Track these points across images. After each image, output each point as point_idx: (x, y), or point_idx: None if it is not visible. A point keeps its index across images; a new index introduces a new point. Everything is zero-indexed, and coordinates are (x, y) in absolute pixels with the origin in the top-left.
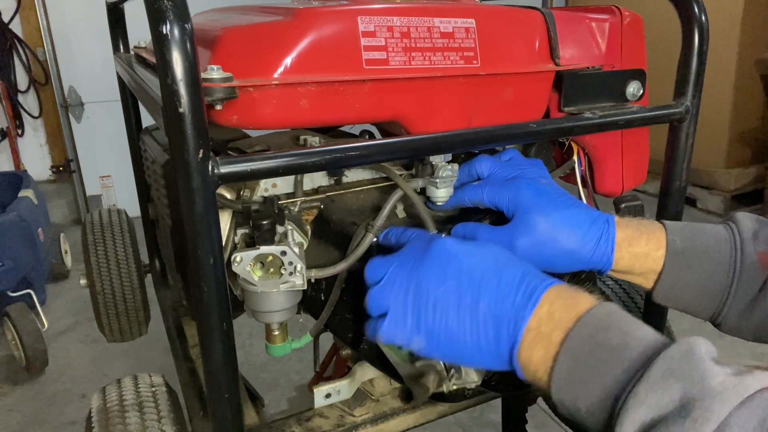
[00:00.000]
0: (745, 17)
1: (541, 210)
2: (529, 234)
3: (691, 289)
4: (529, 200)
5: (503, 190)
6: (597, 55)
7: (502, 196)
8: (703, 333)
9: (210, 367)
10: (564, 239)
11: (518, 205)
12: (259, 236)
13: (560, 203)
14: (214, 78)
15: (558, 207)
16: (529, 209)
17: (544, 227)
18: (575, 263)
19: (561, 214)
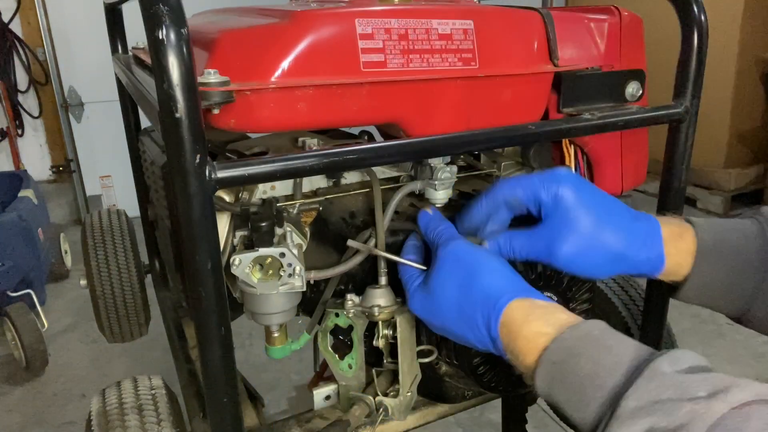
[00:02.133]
0: (745, 17)
1: (584, 203)
2: (572, 235)
3: (720, 287)
4: (572, 188)
5: (544, 178)
6: (596, 55)
7: (542, 187)
8: (703, 332)
9: (209, 371)
10: (612, 241)
11: (558, 196)
12: (257, 238)
13: (604, 197)
14: (211, 82)
15: (603, 200)
16: (570, 202)
17: (590, 227)
18: (625, 267)
19: (607, 208)
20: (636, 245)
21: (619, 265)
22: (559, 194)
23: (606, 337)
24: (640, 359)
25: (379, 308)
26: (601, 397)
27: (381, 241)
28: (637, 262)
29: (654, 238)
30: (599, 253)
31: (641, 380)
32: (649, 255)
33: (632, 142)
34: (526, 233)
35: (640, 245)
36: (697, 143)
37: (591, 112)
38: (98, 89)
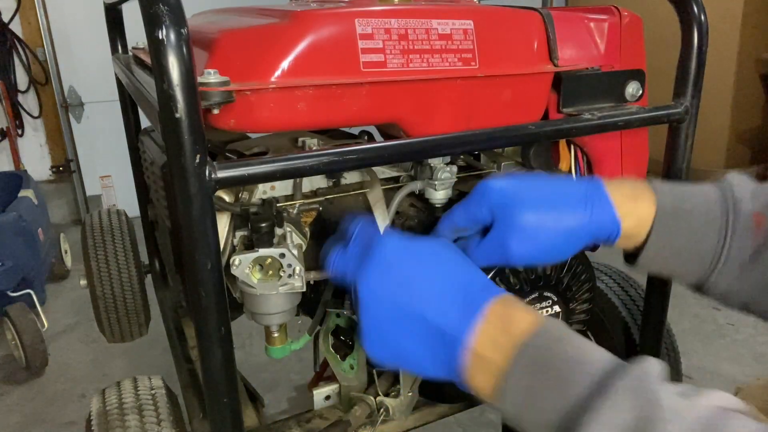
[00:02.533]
0: (745, 17)
1: (516, 200)
2: (516, 233)
3: (680, 252)
4: (500, 194)
5: (471, 201)
6: (596, 55)
7: (474, 208)
8: (703, 332)
9: (209, 371)
10: (554, 221)
11: (493, 206)
12: (257, 239)
13: (533, 184)
14: (210, 82)
15: (532, 188)
16: (505, 204)
17: (528, 219)
18: (580, 240)
19: (538, 194)
20: (581, 216)
21: (575, 241)
22: (489, 203)
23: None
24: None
25: None
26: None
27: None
28: (591, 231)
29: (599, 202)
30: (549, 238)
31: (628, 370)
32: (599, 220)
33: (632, 142)
34: (477, 242)
35: (587, 215)
36: (697, 143)
37: (591, 112)
38: (98, 89)
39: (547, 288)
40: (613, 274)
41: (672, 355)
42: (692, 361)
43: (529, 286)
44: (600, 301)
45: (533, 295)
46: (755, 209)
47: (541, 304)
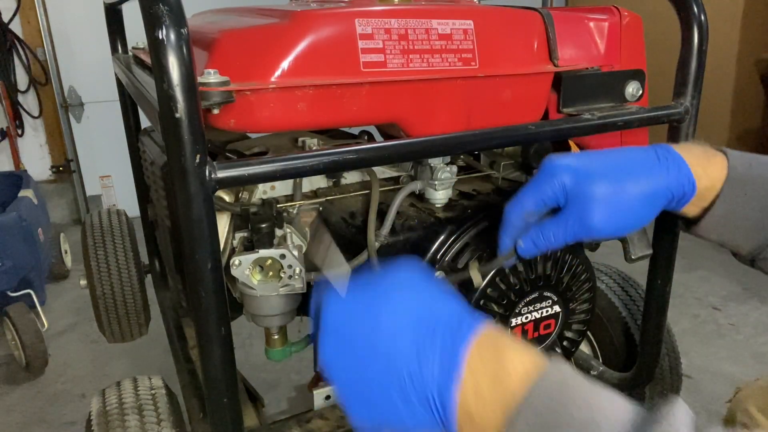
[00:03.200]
0: (745, 17)
1: (590, 172)
2: (596, 205)
3: (745, 218)
4: (571, 170)
5: (541, 180)
6: (596, 55)
7: (545, 187)
8: (703, 332)
9: (209, 371)
10: (632, 186)
11: (565, 183)
12: (257, 240)
13: (602, 155)
14: (210, 82)
15: (602, 159)
16: (578, 179)
17: (607, 188)
18: (658, 201)
19: (610, 163)
20: (657, 177)
21: (654, 202)
22: (561, 181)
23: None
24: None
25: None
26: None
27: (371, 241)
28: (669, 190)
29: (673, 162)
30: (630, 204)
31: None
32: (676, 178)
33: (632, 142)
34: (554, 220)
35: (663, 175)
36: None
37: (591, 112)
38: (98, 89)
39: (547, 288)
40: (613, 274)
41: (672, 356)
42: (692, 361)
43: (529, 286)
44: (600, 301)
45: (533, 295)
46: None
47: (542, 304)
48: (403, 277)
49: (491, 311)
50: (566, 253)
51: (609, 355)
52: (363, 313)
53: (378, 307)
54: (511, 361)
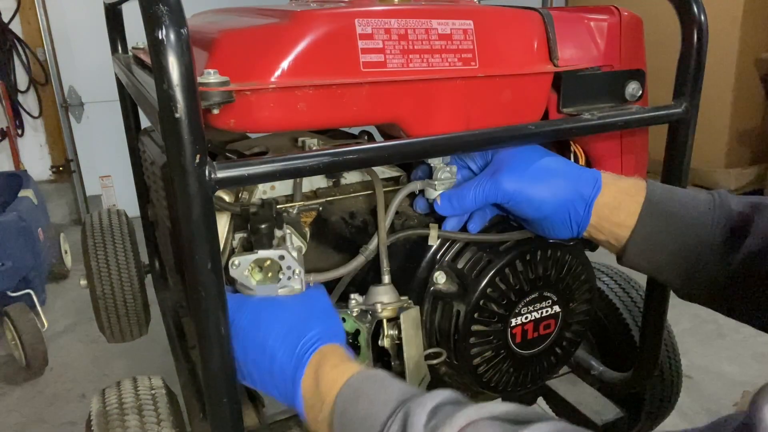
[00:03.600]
0: (745, 17)
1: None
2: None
3: (666, 244)
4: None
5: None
6: (596, 55)
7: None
8: (703, 332)
9: (209, 371)
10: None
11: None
12: (257, 240)
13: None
14: (210, 82)
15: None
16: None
17: (518, 156)
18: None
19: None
20: (563, 160)
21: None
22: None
23: (385, 378)
24: (403, 398)
25: (381, 305)
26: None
27: (383, 240)
28: (571, 176)
29: (592, 171)
30: (540, 180)
31: (395, 418)
32: (581, 171)
33: (632, 142)
34: (471, 181)
35: (569, 162)
36: (697, 143)
37: (591, 112)
38: (98, 89)
39: (547, 288)
40: (613, 274)
41: (672, 356)
42: (692, 361)
43: (528, 286)
44: (600, 301)
45: (533, 295)
46: (739, 209)
47: (541, 304)
48: (297, 296)
49: (491, 311)
50: (566, 253)
51: (609, 355)
52: (260, 322)
53: (269, 318)
54: (328, 377)
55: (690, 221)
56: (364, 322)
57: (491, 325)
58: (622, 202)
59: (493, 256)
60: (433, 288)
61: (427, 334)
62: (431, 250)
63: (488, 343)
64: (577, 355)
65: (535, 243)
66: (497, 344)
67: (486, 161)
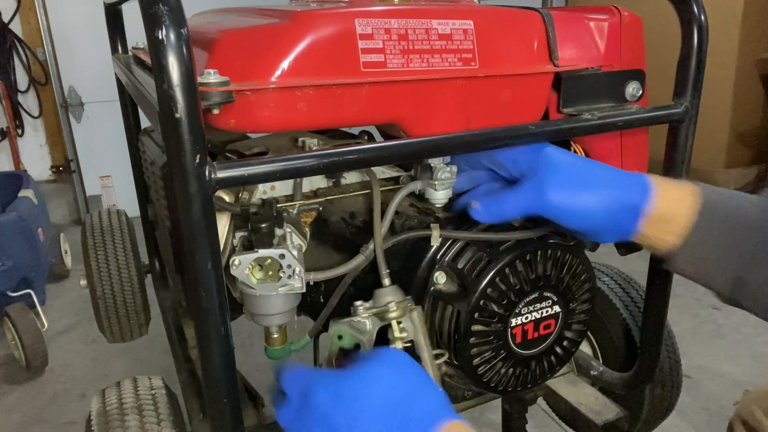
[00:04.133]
0: (745, 17)
1: (558, 158)
2: (553, 179)
3: (717, 251)
4: (553, 147)
5: (521, 147)
6: (596, 55)
7: (523, 150)
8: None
9: (209, 371)
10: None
11: (541, 154)
12: (257, 239)
13: (581, 157)
14: (210, 82)
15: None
16: (553, 157)
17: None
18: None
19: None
20: (621, 180)
21: (606, 194)
22: (541, 153)
23: None
24: None
25: (395, 303)
26: None
27: (379, 243)
28: (621, 184)
29: (641, 177)
30: (587, 197)
31: None
32: (631, 178)
33: (632, 142)
34: (512, 189)
35: (627, 181)
36: (697, 143)
37: (591, 112)
38: (98, 89)
39: (547, 288)
40: (613, 274)
41: (672, 356)
42: (692, 361)
43: (529, 286)
44: (600, 301)
45: (533, 295)
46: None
47: (542, 304)
48: (386, 365)
49: (491, 311)
50: (566, 253)
51: (609, 355)
52: (345, 401)
53: (358, 396)
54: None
55: (745, 228)
56: (363, 333)
57: (491, 325)
58: (675, 210)
59: (493, 256)
60: (433, 288)
61: (434, 335)
62: (431, 250)
63: (488, 343)
64: (577, 355)
65: (535, 243)
66: (497, 344)
67: (521, 171)
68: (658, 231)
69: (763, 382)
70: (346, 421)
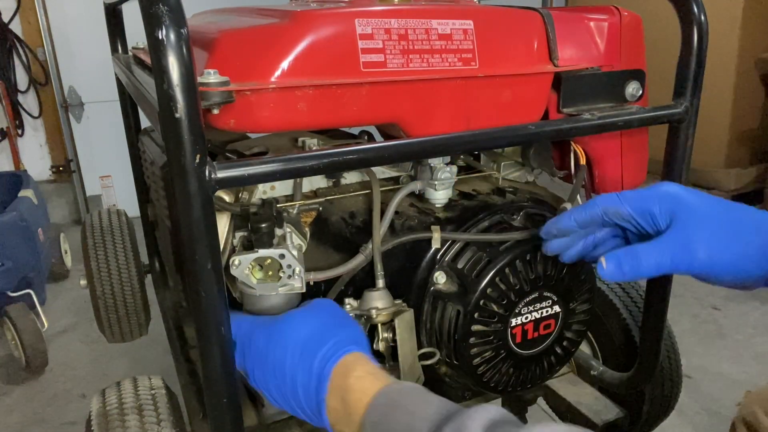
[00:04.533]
0: (745, 17)
1: (700, 204)
2: (704, 232)
3: None
4: (688, 195)
5: (654, 192)
6: (596, 55)
7: (655, 200)
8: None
9: (209, 372)
10: (743, 215)
11: (679, 205)
12: (257, 239)
13: (707, 196)
14: (210, 82)
15: (708, 198)
16: (688, 207)
17: (717, 222)
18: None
19: (724, 206)
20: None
21: (762, 245)
22: (677, 201)
23: (422, 392)
24: (446, 412)
25: (377, 310)
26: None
27: (377, 245)
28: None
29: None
30: (739, 247)
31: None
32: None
33: (632, 142)
34: (651, 245)
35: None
36: (697, 143)
37: (591, 112)
38: (98, 89)
39: (547, 288)
40: None
41: (672, 356)
42: (692, 361)
43: (529, 286)
44: (600, 301)
45: (533, 295)
46: None
47: (541, 304)
48: (308, 309)
49: (491, 311)
50: None
51: (609, 355)
52: (274, 340)
53: (283, 335)
54: (357, 388)
55: None
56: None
57: (491, 325)
58: None
59: (493, 256)
60: (433, 288)
61: (427, 334)
62: (431, 250)
63: (488, 343)
64: (577, 355)
65: (535, 243)
66: (497, 344)
67: (655, 224)
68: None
69: (764, 383)
70: (275, 357)
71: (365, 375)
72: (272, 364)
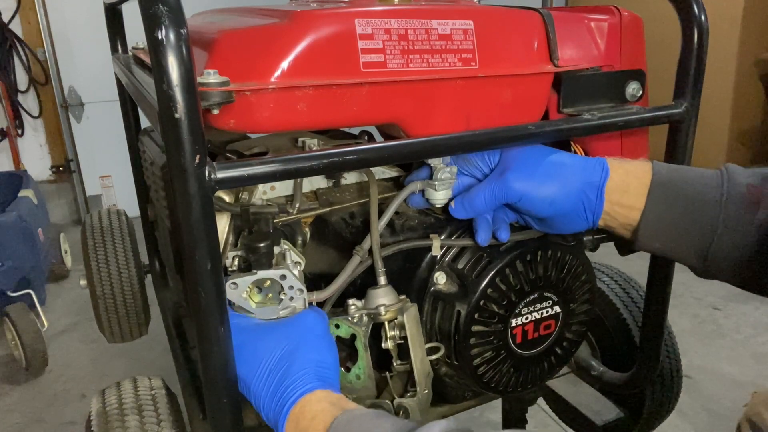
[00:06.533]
0: (745, 17)
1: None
2: (516, 166)
3: (678, 223)
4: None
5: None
6: (596, 55)
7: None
8: (703, 332)
9: (209, 372)
10: (544, 154)
11: (503, 151)
12: (255, 260)
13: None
14: (210, 82)
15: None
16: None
17: (529, 156)
18: (571, 173)
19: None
20: (568, 155)
21: (566, 173)
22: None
23: (377, 415)
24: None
25: (384, 307)
26: None
27: (376, 242)
28: (579, 166)
29: (599, 160)
30: (556, 184)
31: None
32: (587, 160)
33: (632, 142)
34: (481, 184)
35: (586, 164)
36: (697, 143)
37: (591, 112)
38: (98, 89)
39: (547, 288)
40: (613, 274)
41: (672, 356)
42: (692, 361)
43: (529, 286)
44: (600, 301)
45: (533, 295)
46: (748, 181)
47: (542, 305)
48: (282, 323)
49: (491, 312)
50: (566, 254)
51: (609, 355)
52: (242, 351)
53: (249, 349)
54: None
55: (699, 198)
56: (359, 325)
57: (491, 326)
58: (630, 184)
59: (493, 257)
60: (433, 288)
61: (427, 335)
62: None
63: (488, 343)
64: (577, 355)
65: (535, 243)
66: (497, 345)
67: (490, 166)
68: (619, 207)
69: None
70: (241, 373)
71: (319, 414)
72: (240, 374)
